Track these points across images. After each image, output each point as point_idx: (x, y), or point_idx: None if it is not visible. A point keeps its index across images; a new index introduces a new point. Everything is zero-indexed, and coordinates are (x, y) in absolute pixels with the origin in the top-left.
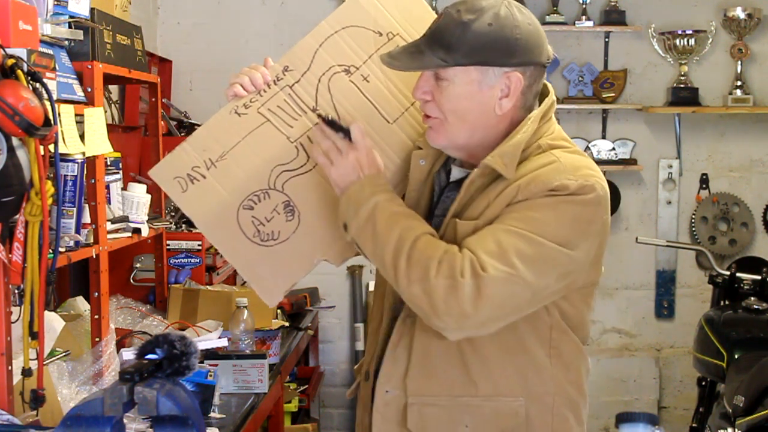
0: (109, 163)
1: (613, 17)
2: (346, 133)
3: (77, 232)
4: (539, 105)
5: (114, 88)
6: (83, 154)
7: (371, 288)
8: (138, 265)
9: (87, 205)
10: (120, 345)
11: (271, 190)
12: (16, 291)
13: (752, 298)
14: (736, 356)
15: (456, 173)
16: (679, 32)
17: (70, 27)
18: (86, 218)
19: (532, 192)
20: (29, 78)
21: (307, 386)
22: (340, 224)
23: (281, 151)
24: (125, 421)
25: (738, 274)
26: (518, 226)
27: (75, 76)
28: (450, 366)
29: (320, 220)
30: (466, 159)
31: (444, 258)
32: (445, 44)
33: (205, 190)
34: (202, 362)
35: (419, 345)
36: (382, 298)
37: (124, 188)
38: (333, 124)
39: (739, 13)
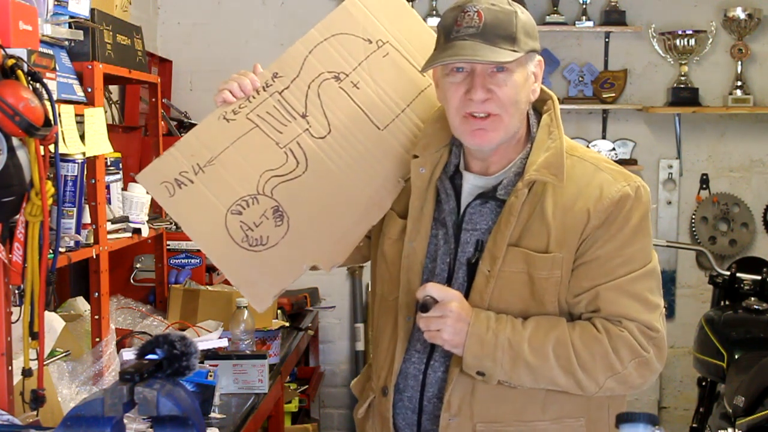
0: (109, 164)
1: (614, 17)
2: (434, 300)
3: (77, 232)
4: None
5: (114, 88)
6: (83, 154)
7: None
8: (138, 266)
9: (87, 206)
10: (120, 345)
11: (259, 196)
12: (17, 291)
13: (752, 299)
14: (736, 356)
15: (474, 181)
16: (680, 32)
17: (70, 27)
18: (86, 218)
19: (605, 213)
20: (29, 78)
21: (307, 386)
22: (473, 373)
23: (270, 157)
24: (125, 421)
25: (738, 275)
26: (635, 267)
27: (75, 77)
28: (519, 392)
29: (310, 225)
30: (489, 156)
31: (616, 345)
32: (508, 36)
33: (193, 195)
34: (202, 362)
35: None
36: (394, 310)
37: (125, 188)
38: (423, 307)
39: (740, 13)
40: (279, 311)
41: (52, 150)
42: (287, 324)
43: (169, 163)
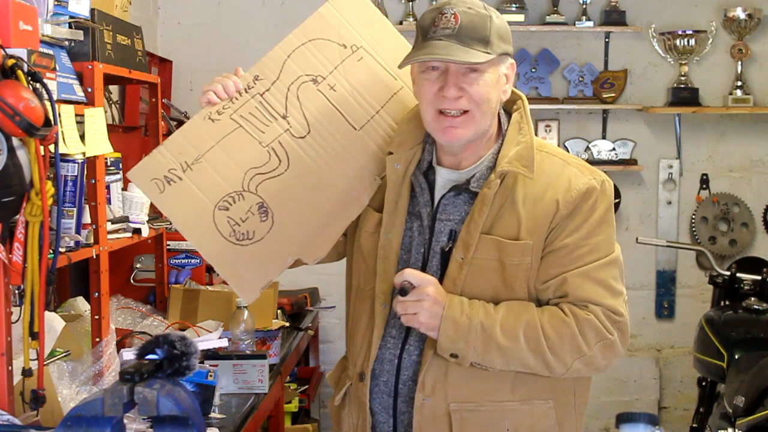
0: (109, 164)
1: (614, 17)
2: (411, 285)
3: (77, 232)
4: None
5: (114, 89)
6: (83, 154)
7: None
8: (138, 266)
9: (87, 206)
10: (120, 345)
11: (245, 192)
12: (17, 291)
13: (752, 299)
14: (736, 356)
15: (447, 175)
16: (680, 32)
17: (70, 27)
18: (86, 218)
19: (573, 203)
20: (29, 78)
21: (307, 386)
22: (446, 355)
23: (254, 155)
24: (125, 421)
25: (738, 275)
26: (600, 256)
27: (75, 77)
28: (489, 373)
29: (292, 221)
30: (460, 152)
31: (583, 328)
32: (481, 38)
33: (182, 191)
34: (202, 362)
35: None
36: (371, 299)
37: (125, 188)
38: (401, 292)
39: (740, 13)
40: (279, 311)
41: (52, 150)
42: (287, 324)
43: (158, 161)
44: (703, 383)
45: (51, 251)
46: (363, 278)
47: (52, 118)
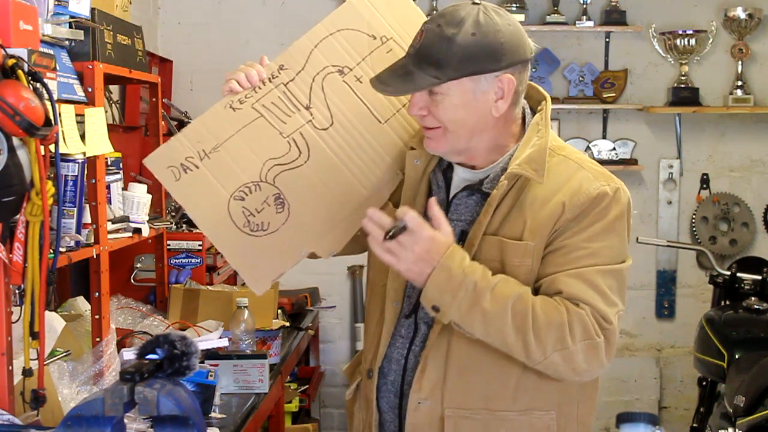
0: (109, 163)
1: (614, 17)
2: (402, 228)
3: (78, 232)
4: (531, 108)
5: (114, 88)
6: (84, 154)
7: None
8: (138, 265)
9: (87, 205)
10: (120, 345)
11: (262, 183)
12: (17, 291)
13: (753, 298)
14: (736, 356)
15: (463, 174)
16: (680, 32)
17: (70, 27)
18: (87, 218)
19: (579, 207)
20: (30, 78)
21: (307, 386)
22: (429, 307)
23: (274, 146)
24: (126, 421)
25: (738, 274)
26: (599, 262)
27: (76, 76)
28: (490, 380)
29: (309, 213)
30: (466, 161)
31: (573, 321)
32: (434, 61)
33: (198, 180)
34: (202, 362)
35: (457, 358)
36: (382, 296)
37: (125, 188)
38: (393, 236)
39: (740, 13)
40: (279, 311)
41: (53, 150)
42: (287, 324)
43: (176, 148)
44: (704, 383)
45: (51, 251)
46: (376, 273)
47: (52, 117)
